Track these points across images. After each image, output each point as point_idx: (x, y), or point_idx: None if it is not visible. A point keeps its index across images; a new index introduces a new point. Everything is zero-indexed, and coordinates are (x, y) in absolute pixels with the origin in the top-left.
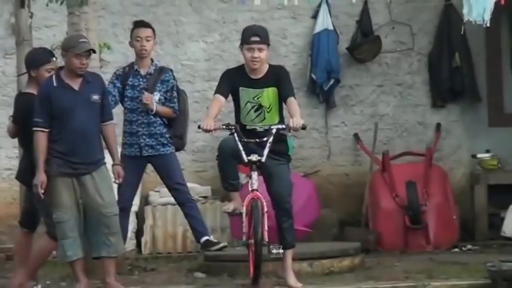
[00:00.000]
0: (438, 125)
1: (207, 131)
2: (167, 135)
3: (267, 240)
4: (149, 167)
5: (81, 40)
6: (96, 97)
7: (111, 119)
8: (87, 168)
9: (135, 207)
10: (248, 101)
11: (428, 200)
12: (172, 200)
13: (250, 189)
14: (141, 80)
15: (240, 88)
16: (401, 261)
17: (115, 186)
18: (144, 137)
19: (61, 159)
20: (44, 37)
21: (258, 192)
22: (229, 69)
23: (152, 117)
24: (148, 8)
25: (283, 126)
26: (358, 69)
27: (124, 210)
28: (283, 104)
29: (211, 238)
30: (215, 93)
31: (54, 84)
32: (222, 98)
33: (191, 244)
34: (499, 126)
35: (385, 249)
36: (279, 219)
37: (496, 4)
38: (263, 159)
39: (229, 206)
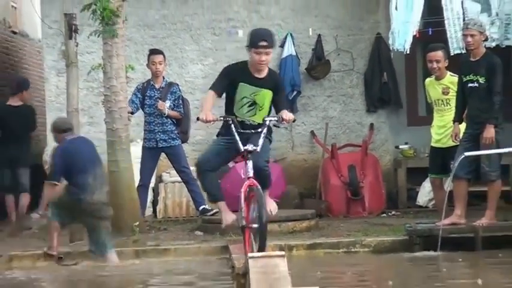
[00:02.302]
0: (371, 125)
1: (205, 121)
2: (176, 132)
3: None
4: (162, 155)
5: None
6: None
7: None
8: None
9: (152, 184)
10: (245, 96)
11: (364, 179)
12: (179, 179)
13: (246, 176)
14: (156, 92)
15: (241, 83)
16: (344, 223)
17: (137, 169)
18: (159, 133)
19: None
20: (86, 60)
21: (254, 180)
22: (231, 64)
23: (165, 118)
24: (160, 39)
25: (276, 118)
26: (314, 84)
27: (144, 186)
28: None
29: (207, 206)
30: (211, 89)
31: None
32: (215, 96)
33: (192, 211)
34: (414, 126)
35: (333, 214)
36: (261, 179)
37: (413, 36)
38: (258, 149)
39: (227, 219)
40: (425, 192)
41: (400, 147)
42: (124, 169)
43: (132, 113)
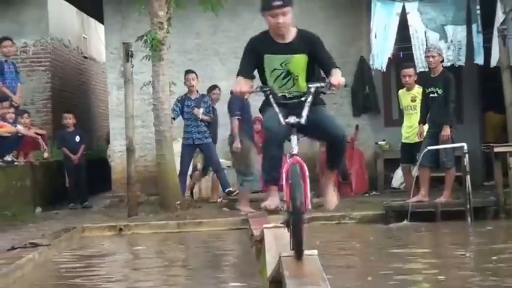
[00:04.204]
0: (357, 126)
1: (240, 93)
2: (207, 132)
3: (309, 208)
4: (197, 150)
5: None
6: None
7: None
8: None
9: (189, 172)
10: (275, 68)
11: (352, 167)
12: (210, 168)
13: (289, 154)
14: (192, 102)
15: (265, 55)
16: None
17: (178, 161)
18: (195, 133)
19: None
20: (139, 78)
21: (298, 157)
22: (252, 38)
23: (199, 122)
24: (196, 62)
25: (323, 84)
26: None
27: (184, 174)
28: (323, 73)
29: (231, 189)
30: (238, 74)
31: None
32: (246, 79)
33: (220, 193)
34: (390, 127)
35: None
36: (333, 153)
37: (388, 58)
38: (302, 120)
39: (270, 203)
40: (398, 177)
41: (379, 143)
42: (169, 161)
43: (174, 118)
